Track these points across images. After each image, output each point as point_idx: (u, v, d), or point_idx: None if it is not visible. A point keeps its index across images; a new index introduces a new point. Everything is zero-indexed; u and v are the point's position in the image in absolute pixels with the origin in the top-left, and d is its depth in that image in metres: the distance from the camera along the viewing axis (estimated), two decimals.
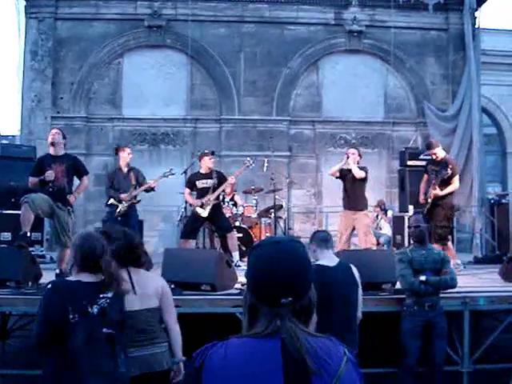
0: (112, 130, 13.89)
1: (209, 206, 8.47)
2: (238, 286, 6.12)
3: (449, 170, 8.24)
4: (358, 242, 8.73)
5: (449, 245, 8.17)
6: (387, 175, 14.13)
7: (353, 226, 8.50)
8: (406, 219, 10.02)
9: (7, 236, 9.31)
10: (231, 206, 10.25)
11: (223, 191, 8.95)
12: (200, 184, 8.66)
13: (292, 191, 13.88)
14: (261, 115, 14.08)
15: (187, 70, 14.15)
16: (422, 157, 9.06)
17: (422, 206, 8.53)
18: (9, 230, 9.27)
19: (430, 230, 7.38)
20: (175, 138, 14.01)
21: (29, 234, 6.88)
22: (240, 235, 9.74)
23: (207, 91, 14.17)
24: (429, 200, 8.28)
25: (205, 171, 8.76)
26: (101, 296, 3.30)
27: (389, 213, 12.30)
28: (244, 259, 8.76)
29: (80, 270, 3.43)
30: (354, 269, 4.77)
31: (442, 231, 8.08)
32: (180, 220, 10.82)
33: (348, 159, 8.52)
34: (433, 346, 5.49)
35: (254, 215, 10.48)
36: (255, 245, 1.70)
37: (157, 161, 13.85)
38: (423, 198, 8.56)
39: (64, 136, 7.31)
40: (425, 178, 8.77)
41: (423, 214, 7.69)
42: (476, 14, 14.26)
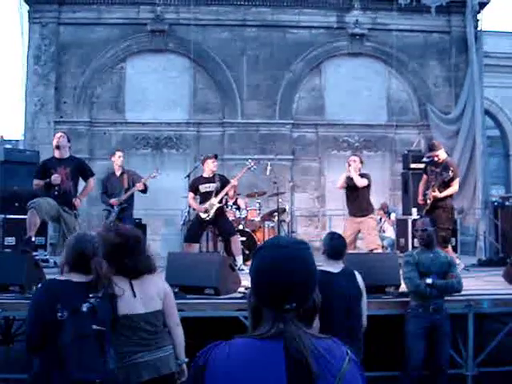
0: (115, 135, 13.93)
1: (212, 210, 8.47)
2: (242, 290, 6.12)
3: (450, 173, 8.21)
4: (364, 244, 8.66)
5: (449, 247, 8.15)
6: (390, 178, 14.11)
7: (357, 229, 8.43)
8: (410, 222, 9.99)
9: (11, 241, 9.30)
10: (234, 210, 10.24)
11: (226, 194, 8.94)
12: (203, 188, 8.64)
13: (295, 194, 13.89)
14: (264, 119, 14.09)
15: (190, 74, 14.18)
16: (425, 159, 9.01)
17: (421, 208, 8.50)
18: (13, 235, 9.27)
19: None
20: (178, 142, 14.04)
21: (33, 239, 6.90)
22: (243, 239, 9.73)
23: (210, 95, 14.19)
24: (428, 201, 8.25)
25: (207, 175, 8.74)
26: (91, 295, 3.31)
27: (392, 216, 12.29)
28: (247, 263, 8.76)
29: (70, 270, 3.45)
30: (358, 275, 4.76)
31: (446, 233, 8.06)
32: (183, 224, 10.81)
33: (349, 167, 8.41)
34: (437, 349, 5.47)
35: (258, 219, 10.47)
36: (260, 246, 1.69)
37: (160, 165, 13.81)
38: (422, 200, 8.53)
39: (69, 139, 7.40)
40: (424, 179, 8.73)
41: (430, 218, 7.66)
42: (478, 17, 14.22)
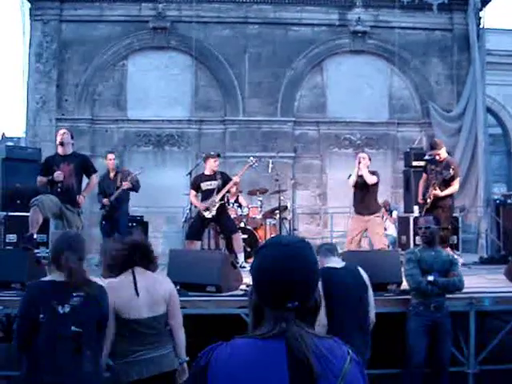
0: (117, 132, 13.92)
1: (214, 208, 8.47)
2: (243, 288, 6.13)
3: (451, 171, 8.20)
4: (372, 243, 8.61)
5: (447, 247, 8.12)
6: (392, 176, 14.09)
7: (365, 228, 8.34)
8: (411, 220, 9.98)
9: (13, 238, 9.31)
10: (236, 208, 10.25)
11: (228, 192, 8.93)
12: (204, 186, 8.64)
13: (297, 192, 13.87)
14: (265, 116, 14.07)
15: (191, 72, 14.16)
16: (427, 157, 8.99)
17: (421, 207, 8.47)
18: (14, 232, 9.29)
19: None
20: (180, 140, 14.02)
21: (35, 236, 6.90)
22: (245, 236, 9.74)
23: (212, 92, 14.17)
24: (428, 200, 8.23)
25: (209, 173, 8.74)
26: (74, 295, 3.30)
27: (394, 213, 12.29)
28: (249, 260, 8.77)
29: (56, 269, 3.48)
30: (362, 270, 4.79)
31: (444, 233, 8.04)
32: (185, 221, 10.80)
33: (360, 164, 8.33)
34: (438, 347, 5.47)
35: (259, 216, 10.47)
36: (261, 245, 1.69)
37: (161, 162, 13.87)
38: (422, 199, 8.50)
39: (72, 136, 7.42)
40: (424, 178, 8.71)
41: (433, 216, 7.63)
42: (481, 14, 14.19)
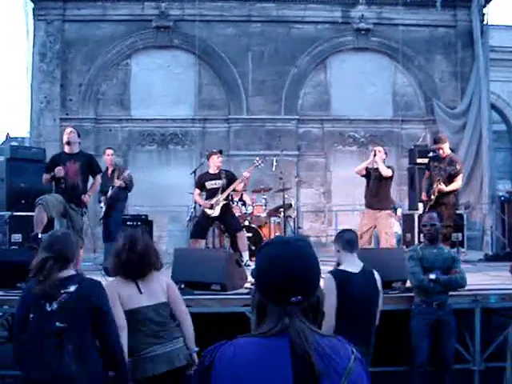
0: (121, 131, 13.95)
1: (218, 206, 8.45)
2: (248, 286, 6.13)
3: (457, 166, 8.19)
4: (379, 242, 8.56)
5: (448, 244, 8.10)
6: (396, 173, 13.97)
7: (374, 225, 8.24)
8: (416, 217, 9.97)
9: (18, 238, 9.32)
10: (240, 206, 10.23)
11: (233, 190, 8.88)
12: (209, 185, 8.60)
13: (301, 190, 13.86)
14: (269, 114, 14.07)
15: (195, 70, 14.17)
16: (431, 154, 8.96)
17: (425, 204, 8.43)
18: (19, 232, 9.30)
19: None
20: (184, 139, 14.04)
21: (40, 236, 6.90)
22: (250, 235, 9.72)
23: (215, 91, 14.18)
24: (432, 197, 8.19)
25: (213, 171, 8.69)
26: (62, 292, 3.34)
27: (398, 211, 12.26)
28: (254, 259, 8.74)
29: None
30: (377, 275, 4.69)
31: (447, 231, 8.02)
32: (189, 220, 10.80)
33: (375, 157, 8.24)
34: (442, 345, 5.46)
35: (264, 214, 10.45)
36: (264, 244, 1.70)
37: (165, 161, 13.89)
38: (425, 196, 8.47)
39: (79, 135, 7.42)
40: (426, 175, 8.68)
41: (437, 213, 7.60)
42: (484, 11, 14.17)
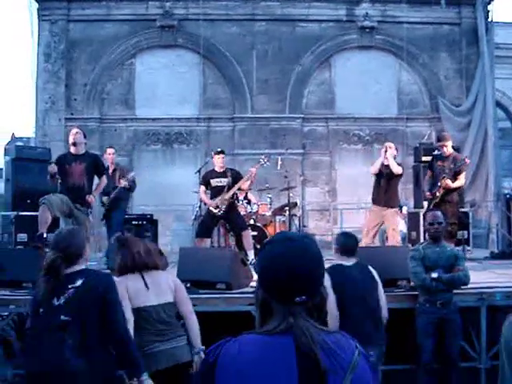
0: (126, 131, 13.97)
1: (223, 206, 8.44)
2: (254, 285, 6.13)
3: (466, 160, 8.20)
4: (386, 238, 8.60)
5: (454, 242, 8.08)
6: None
7: (381, 222, 8.33)
8: (421, 215, 9.93)
9: (23, 237, 9.35)
10: (245, 205, 10.22)
11: (239, 189, 8.85)
12: (214, 182, 8.57)
13: (306, 189, 13.86)
14: (274, 113, 14.07)
15: (199, 70, 14.17)
16: (435, 152, 8.93)
17: (429, 202, 8.39)
18: (25, 232, 9.32)
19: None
20: (189, 138, 14.05)
21: (45, 235, 6.92)
22: (255, 233, 9.69)
23: (220, 90, 14.19)
24: (437, 194, 8.16)
25: (219, 169, 8.69)
26: (69, 287, 3.36)
27: (404, 209, 12.22)
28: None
29: None
30: (372, 268, 4.83)
31: (452, 228, 8.00)
32: (195, 219, 10.80)
33: (386, 153, 8.29)
34: (447, 343, 5.44)
35: (269, 213, 10.43)
36: (267, 241, 1.69)
37: (170, 160, 13.90)
38: (429, 194, 8.42)
39: (85, 135, 7.42)
40: (428, 175, 8.65)
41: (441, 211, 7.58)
42: (489, 8, 14.16)
